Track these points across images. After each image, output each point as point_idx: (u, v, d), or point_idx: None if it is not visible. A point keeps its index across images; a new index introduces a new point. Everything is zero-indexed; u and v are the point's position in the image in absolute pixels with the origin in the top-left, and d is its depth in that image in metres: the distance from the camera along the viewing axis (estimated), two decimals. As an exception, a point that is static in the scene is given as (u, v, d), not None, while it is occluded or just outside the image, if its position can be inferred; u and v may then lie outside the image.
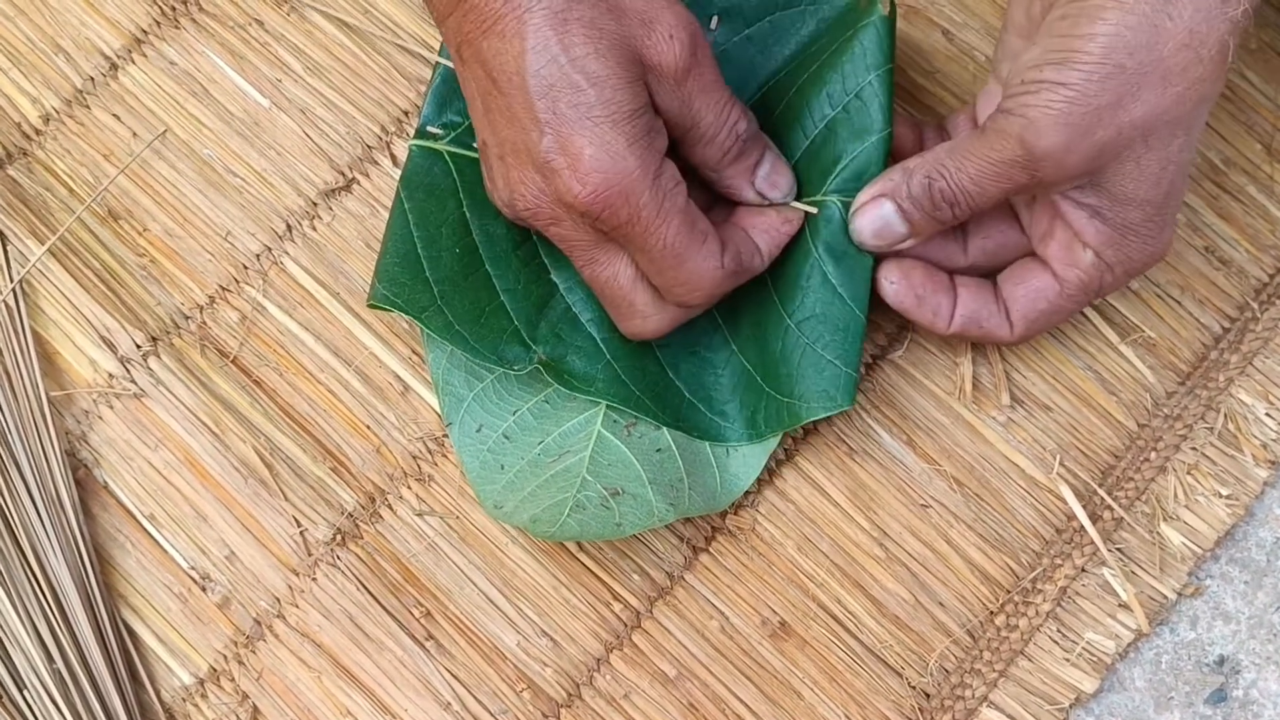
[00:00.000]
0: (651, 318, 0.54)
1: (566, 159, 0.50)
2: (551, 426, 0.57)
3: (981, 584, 0.58)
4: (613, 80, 0.50)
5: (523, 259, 0.58)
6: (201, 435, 0.59)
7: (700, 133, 0.53)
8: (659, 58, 0.51)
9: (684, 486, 0.56)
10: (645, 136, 0.51)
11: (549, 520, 0.55)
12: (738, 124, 0.54)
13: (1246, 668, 0.58)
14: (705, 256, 0.53)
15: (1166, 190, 0.53)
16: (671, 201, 0.52)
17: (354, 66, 0.63)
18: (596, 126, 0.50)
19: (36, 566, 0.55)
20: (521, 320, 0.57)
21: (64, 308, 0.60)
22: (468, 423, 0.57)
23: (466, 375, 0.57)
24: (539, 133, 0.51)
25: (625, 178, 0.50)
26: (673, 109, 0.53)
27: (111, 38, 0.64)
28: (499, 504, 0.56)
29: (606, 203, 0.51)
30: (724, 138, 0.54)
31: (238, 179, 0.62)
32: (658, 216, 0.51)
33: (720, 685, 0.57)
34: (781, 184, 0.56)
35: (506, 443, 0.57)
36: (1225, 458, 0.60)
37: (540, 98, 0.50)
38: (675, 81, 0.52)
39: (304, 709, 0.56)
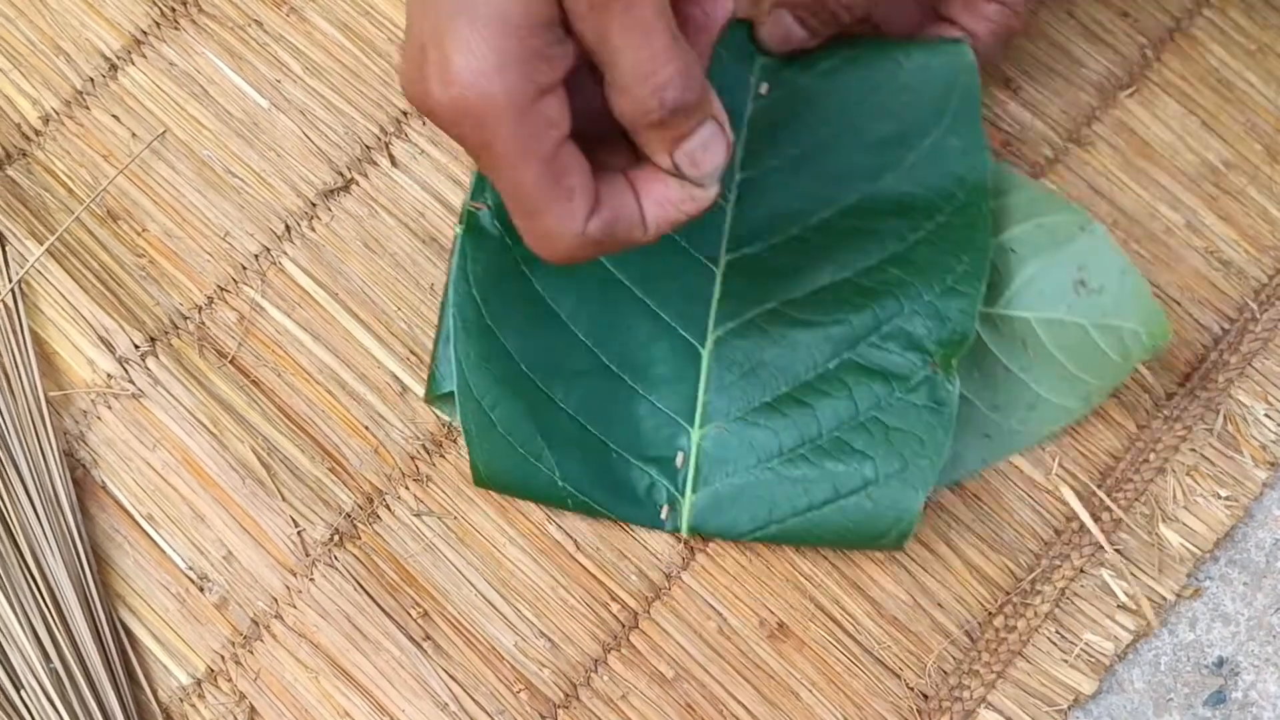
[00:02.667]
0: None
1: (438, 53, 0.43)
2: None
3: (980, 585, 0.58)
4: None
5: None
6: (199, 435, 0.59)
7: (614, 77, 0.44)
8: None
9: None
10: (530, 60, 0.43)
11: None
12: (665, 87, 0.44)
13: (1246, 669, 0.58)
14: (563, 216, 0.45)
15: None
16: (536, 143, 0.44)
17: (353, 67, 0.64)
18: (474, 32, 0.42)
19: (34, 566, 0.55)
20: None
21: (62, 308, 0.60)
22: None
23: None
24: (424, 13, 0.43)
25: (485, 101, 0.43)
26: (586, 37, 0.44)
27: (111, 39, 0.64)
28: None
29: (459, 120, 0.43)
30: (642, 93, 0.44)
31: (237, 179, 0.62)
32: (514, 155, 0.44)
33: (718, 686, 0.57)
34: (705, 163, 0.47)
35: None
36: (1224, 459, 0.60)
37: None
38: (588, 8, 0.43)
39: (301, 709, 0.56)
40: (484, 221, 0.57)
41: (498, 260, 0.57)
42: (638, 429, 0.57)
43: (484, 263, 0.57)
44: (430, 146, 0.63)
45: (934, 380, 0.55)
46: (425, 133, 0.63)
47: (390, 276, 0.61)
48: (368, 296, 0.61)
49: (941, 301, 0.56)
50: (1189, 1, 0.66)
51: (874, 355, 0.56)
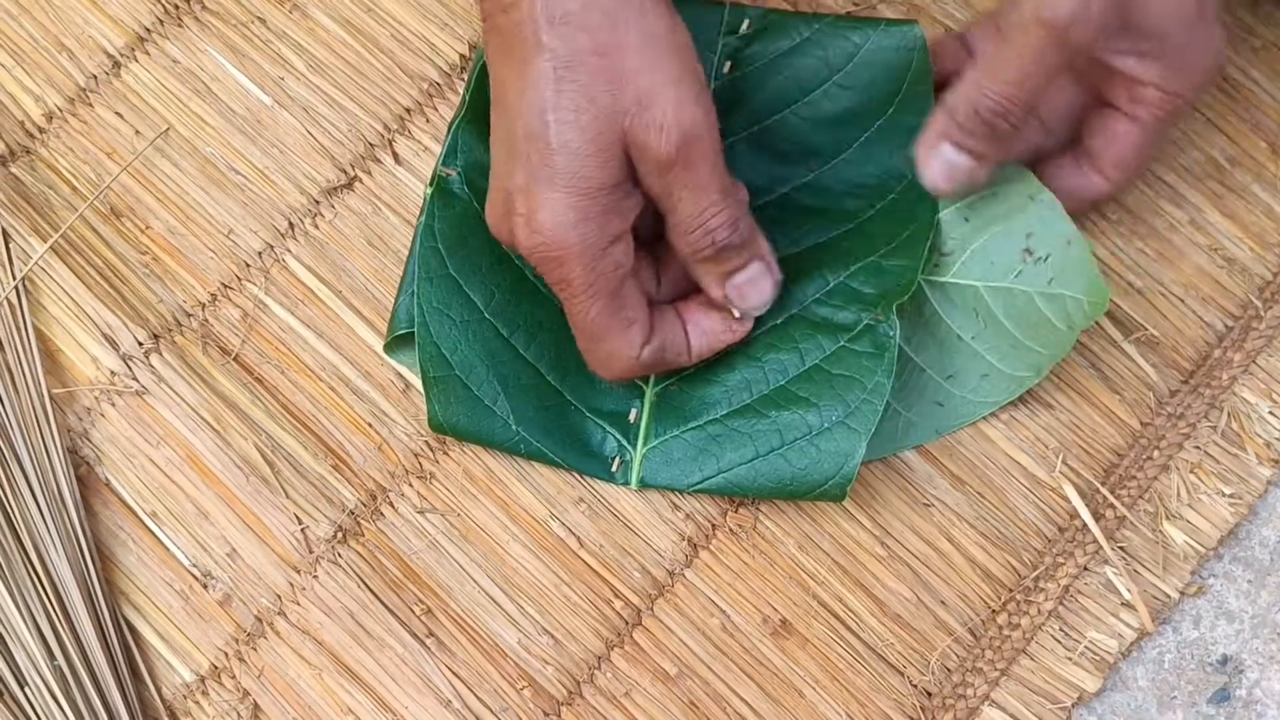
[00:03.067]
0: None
1: (526, 206, 0.51)
2: None
3: (984, 582, 0.58)
4: (584, 154, 0.50)
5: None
6: (203, 432, 0.59)
7: (674, 222, 0.53)
8: (645, 141, 0.51)
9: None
10: (601, 215, 0.51)
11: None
12: (716, 230, 0.53)
13: (1250, 667, 0.58)
14: (623, 343, 0.54)
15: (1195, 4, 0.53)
16: (604, 283, 0.52)
17: (356, 64, 0.64)
18: (554, 192, 0.51)
19: (38, 563, 0.55)
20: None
21: (66, 305, 0.60)
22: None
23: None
24: (512, 166, 0.52)
25: (564, 250, 0.51)
26: (653, 190, 0.52)
27: (114, 36, 0.64)
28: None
29: (543, 261, 0.52)
30: (696, 237, 0.53)
31: (240, 177, 0.62)
32: (585, 292, 0.52)
33: (721, 683, 0.57)
34: (752, 297, 0.55)
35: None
36: (1228, 456, 0.59)
37: (524, 139, 0.51)
38: (658, 168, 0.51)
39: (305, 706, 0.56)
40: (453, 186, 0.58)
41: (464, 221, 0.58)
42: (594, 383, 0.58)
43: (451, 222, 0.58)
44: (433, 144, 0.63)
45: (875, 328, 0.56)
46: (428, 130, 0.63)
47: (394, 274, 0.61)
48: (371, 294, 0.61)
49: (886, 260, 0.57)
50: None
51: (821, 311, 0.57)
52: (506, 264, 0.58)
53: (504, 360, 0.57)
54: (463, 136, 0.59)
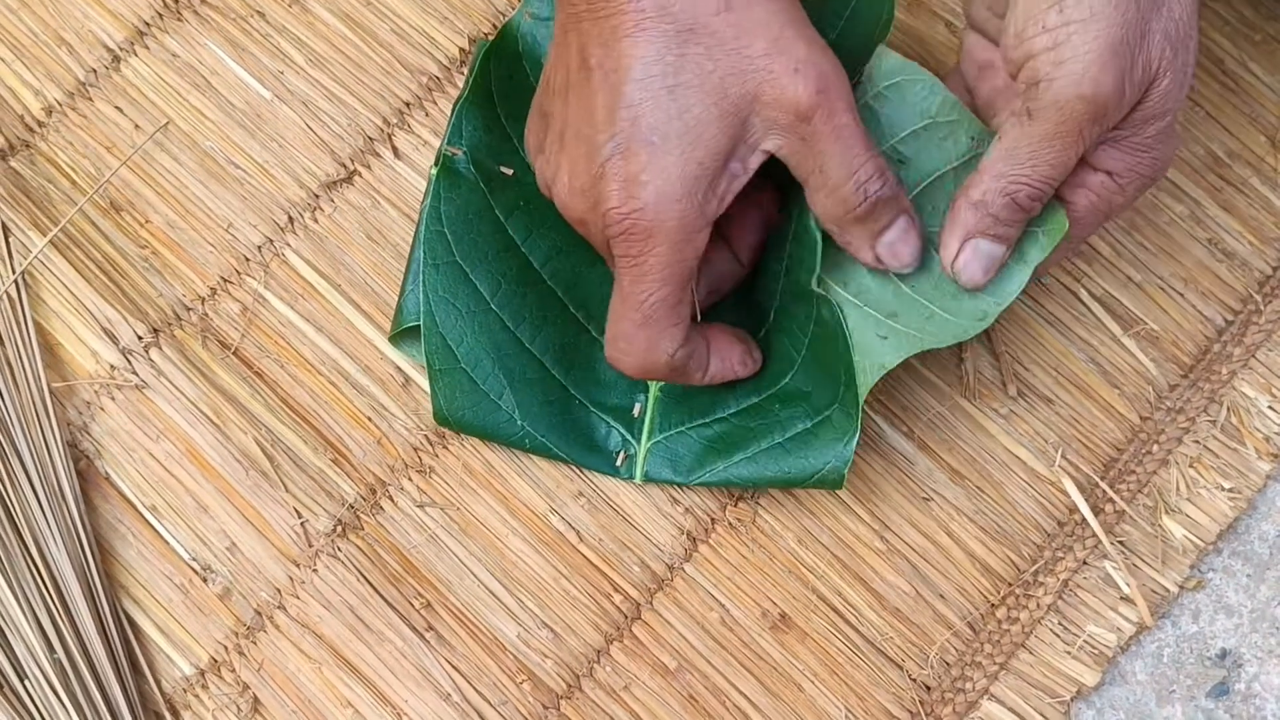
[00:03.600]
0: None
1: (623, 173, 0.49)
2: None
3: (982, 576, 0.58)
4: (703, 122, 0.48)
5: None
6: (203, 426, 0.59)
7: (822, 180, 0.50)
8: (779, 91, 0.48)
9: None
10: (704, 192, 0.49)
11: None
12: (869, 181, 0.50)
13: (1249, 661, 0.58)
14: (665, 339, 0.52)
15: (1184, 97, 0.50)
16: (681, 269, 0.50)
17: (355, 58, 0.64)
18: (665, 158, 0.48)
19: (38, 557, 0.56)
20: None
21: (66, 299, 0.60)
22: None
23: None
24: (608, 135, 0.49)
25: (659, 223, 0.49)
26: (794, 150, 0.49)
27: (114, 30, 0.64)
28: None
29: (630, 231, 0.50)
30: (849, 192, 0.50)
31: (239, 171, 0.62)
32: (659, 273, 0.50)
33: (720, 677, 0.57)
34: (904, 254, 0.52)
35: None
36: (1228, 451, 0.60)
37: (626, 106, 0.49)
38: (798, 118, 0.48)
39: (304, 700, 0.56)
40: (459, 165, 0.58)
41: (471, 203, 0.58)
42: (599, 378, 0.58)
43: (457, 204, 0.58)
44: (433, 138, 0.63)
45: (821, 299, 0.54)
46: (428, 124, 0.63)
47: (393, 268, 0.61)
48: (370, 288, 0.61)
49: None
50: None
51: (793, 286, 0.56)
52: (513, 251, 0.58)
53: (509, 353, 0.57)
54: (467, 117, 0.59)
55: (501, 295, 0.57)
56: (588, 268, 0.58)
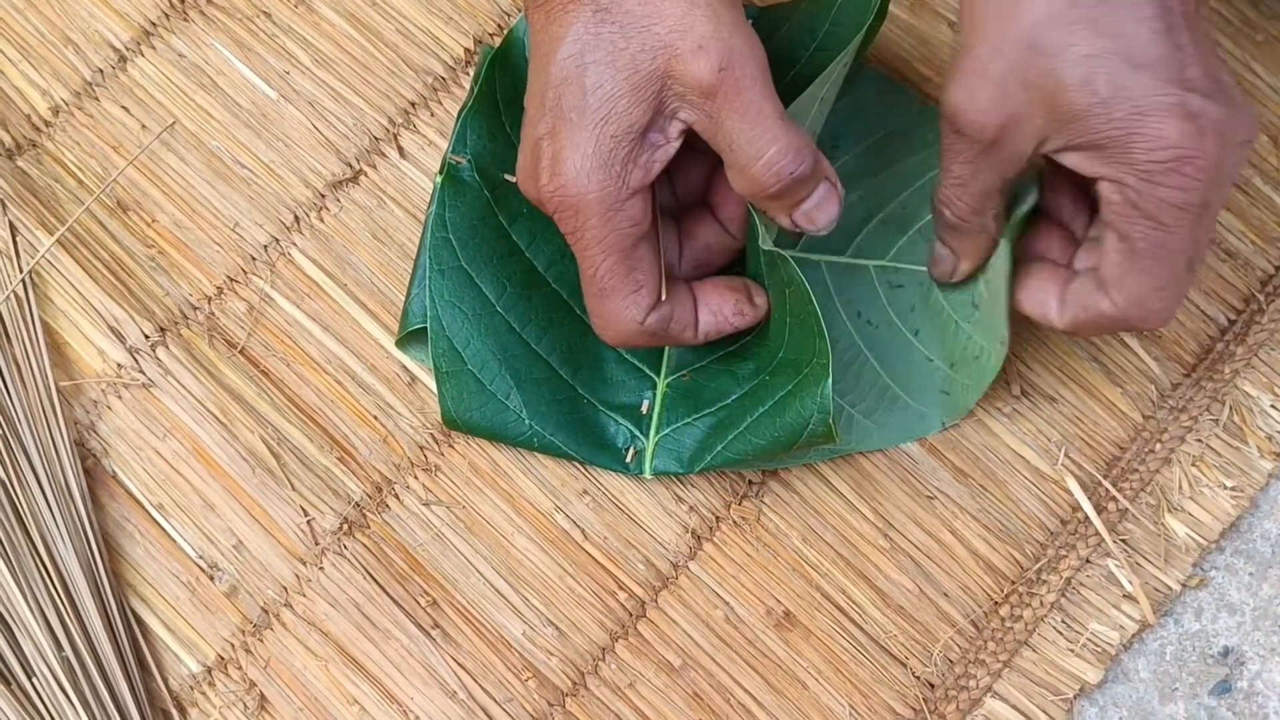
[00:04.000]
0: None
1: (549, 152, 0.50)
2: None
3: (986, 574, 0.58)
4: (616, 95, 0.49)
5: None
6: (209, 425, 0.59)
7: (734, 158, 0.50)
8: (683, 68, 0.49)
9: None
10: (623, 164, 0.50)
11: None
12: (781, 162, 0.50)
13: (1251, 659, 0.58)
14: (628, 306, 0.52)
15: (1106, 82, 0.47)
16: (616, 239, 0.51)
17: (361, 59, 0.64)
18: (579, 134, 0.50)
19: (45, 555, 0.56)
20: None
21: (73, 298, 0.60)
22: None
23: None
24: (539, 116, 0.51)
25: (581, 196, 0.50)
26: (704, 127, 0.50)
27: (120, 30, 0.64)
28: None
29: (558, 207, 0.51)
30: (759, 171, 0.50)
31: (245, 170, 0.62)
32: (597, 245, 0.51)
33: (725, 675, 0.57)
34: (820, 219, 0.52)
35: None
36: (1230, 449, 0.60)
37: (553, 86, 0.50)
38: (701, 96, 0.49)
39: (311, 697, 0.56)
40: (463, 174, 0.59)
41: (475, 210, 0.58)
42: (606, 377, 0.58)
43: (461, 211, 0.58)
44: (438, 138, 0.63)
45: (779, 258, 0.54)
46: (433, 124, 0.63)
47: (399, 267, 0.61)
48: (376, 287, 0.61)
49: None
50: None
51: (759, 253, 0.56)
52: (517, 256, 0.58)
53: (516, 354, 0.58)
54: (471, 125, 0.59)
55: (507, 298, 0.58)
56: None
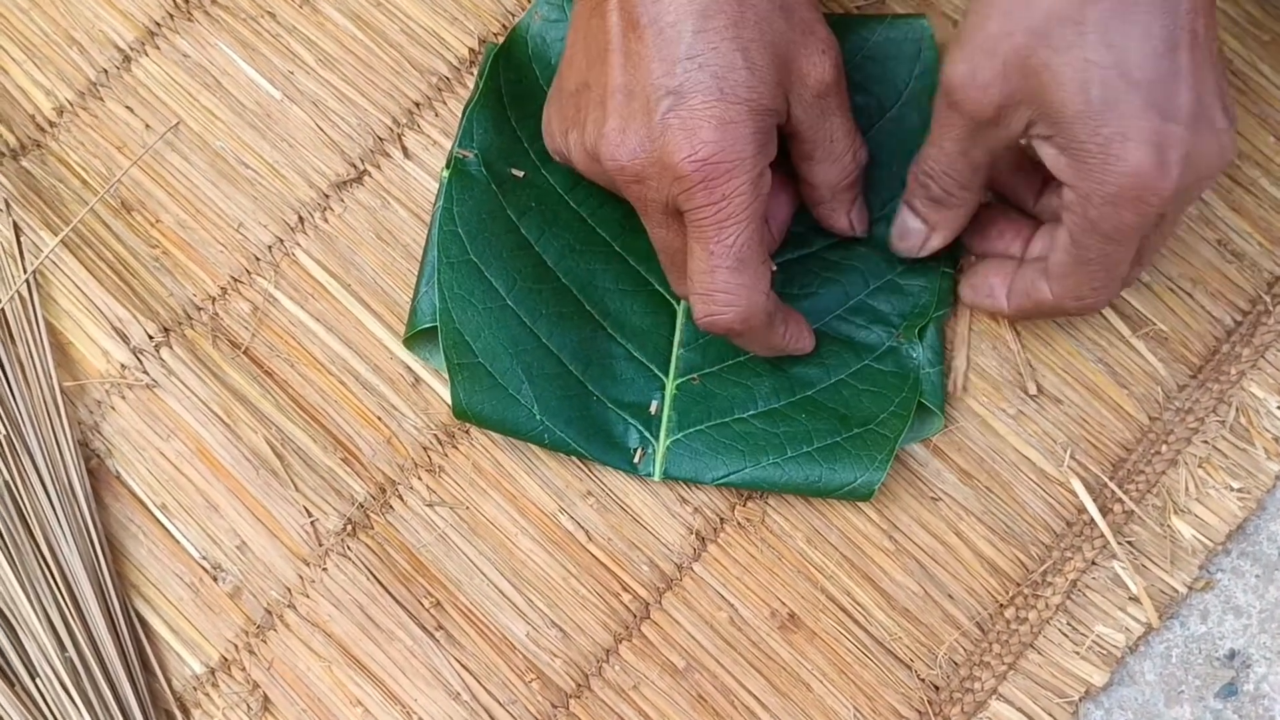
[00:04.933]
0: (691, 291, 0.54)
1: (688, 123, 0.50)
2: None
3: (991, 577, 0.58)
4: (765, 73, 0.51)
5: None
6: (213, 426, 0.59)
7: (829, 150, 0.54)
8: (810, 67, 0.52)
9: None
10: (766, 133, 0.51)
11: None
12: (860, 151, 0.56)
13: (1257, 662, 0.58)
14: (762, 276, 0.53)
15: (1100, 95, 0.48)
16: (759, 205, 0.52)
17: (366, 58, 0.64)
18: (733, 105, 0.50)
19: (49, 555, 0.56)
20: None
21: (77, 299, 0.60)
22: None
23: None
24: (668, 89, 0.51)
25: (736, 159, 0.50)
26: (809, 122, 0.53)
27: (124, 30, 0.64)
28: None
29: (707, 175, 0.50)
30: (848, 161, 0.55)
31: (250, 171, 0.62)
32: (743, 212, 0.51)
33: (729, 677, 0.57)
34: (865, 221, 0.58)
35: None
36: (1237, 451, 0.59)
37: (688, 58, 0.50)
38: (818, 94, 0.53)
39: (314, 698, 0.56)
40: (470, 168, 0.58)
41: (483, 204, 0.58)
42: (615, 375, 0.58)
43: (470, 205, 0.58)
44: (443, 138, 0.63)
45: (898, 349, 0.58)
46: (438, 124, 0.63)
47: (403, 267, 0.61)
48: (380, 287, 0.61)
49: (903, 279, 0.59)
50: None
51: (842, 328, 0.59)
52: (527, 250, 0.58)
53: (527, 348, 0.57)
54: (477, 120, 0.59)
55: (517, 292, 0.58)
56: (601, 266, 0.59)
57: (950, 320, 0.60)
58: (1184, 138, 0.49)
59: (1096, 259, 0.52)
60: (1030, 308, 0.56)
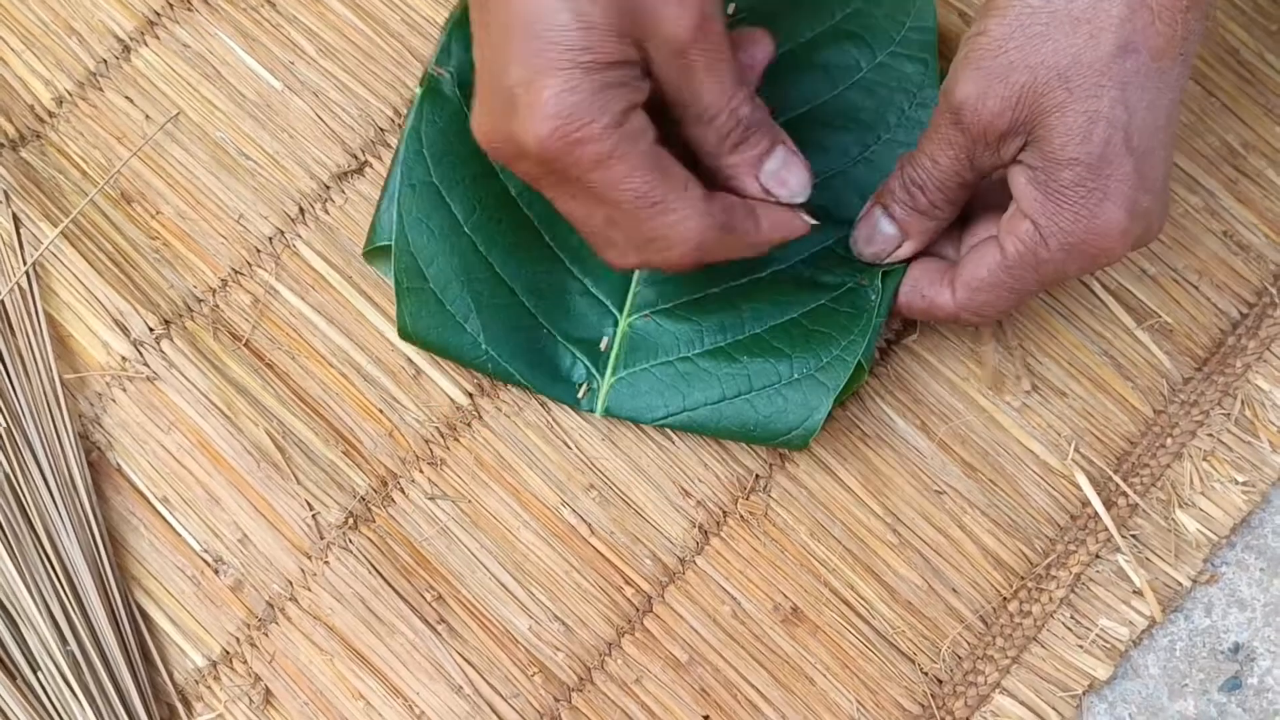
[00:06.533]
0: (630, 253, 0.51)
1: (530, 96, 0.47)
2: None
3: (995, 570, 0.58)
4: (601, 27, 0.47)
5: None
6: (214, 418, 0.59)
7: (698, 110, 0.50)
8: (661, 21, 0.48)
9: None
10: (617, 87, 0.47)
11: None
12: (739, 107, 0.50)
13: (1261, 655, 0.58)
14: (687, 203, 0.49)
15: (1100, 151, 0.49)
16: (638, 148, 0.48)
17: (366, 49, 0.63)
18: (569, 69, 0.47)
19: (50, 549, 0.56)
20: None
21: (77, 290, 0.60)
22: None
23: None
24: (511, 61, 0.48)
25: (584, 126, 0.47)
26: (671, 80, 0.49)
27: (124, 20, 0.64)
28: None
29: (562, 150, 0.48)
30: (723, 120, 0.50)
31: (250, 161, 0.62)
32: (621, 162, 0.48)
33: (732, 670, 0.57)
34: (791, 182, 0.52)
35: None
36: (1242, 444, 0.59)
37: (523, 26, 0.47)
38: (675, 51, 0.48)
39: (316, 691, 0.56)
40: (444, 87, 0.58)
41: (453, 127, 0.58)
42: (568, 309, 0.58)
43: (439, 127, 0.58)
44: (444, 128, 0.62)
45: (858, 290, 0.57)
46: (439, 115, 0.63)
47: (404, 259, 0.61)
48: (381, 279, 0.60)
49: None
50: (1209, -18, 0.65)
51: (806, 271, 0.58)
52: (491, 177, 0.58)
53: (479, 277, 0.57)
54: (457, 38, 0.59)
55: (476, 219, 0.58)
56: None
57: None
58: (1149, 211, 0.51)
59: (1018, 288, 0.53)
60: (922, 308, 0.56)
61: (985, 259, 0.53)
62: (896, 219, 0.55)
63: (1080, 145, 0.49)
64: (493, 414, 0.59)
